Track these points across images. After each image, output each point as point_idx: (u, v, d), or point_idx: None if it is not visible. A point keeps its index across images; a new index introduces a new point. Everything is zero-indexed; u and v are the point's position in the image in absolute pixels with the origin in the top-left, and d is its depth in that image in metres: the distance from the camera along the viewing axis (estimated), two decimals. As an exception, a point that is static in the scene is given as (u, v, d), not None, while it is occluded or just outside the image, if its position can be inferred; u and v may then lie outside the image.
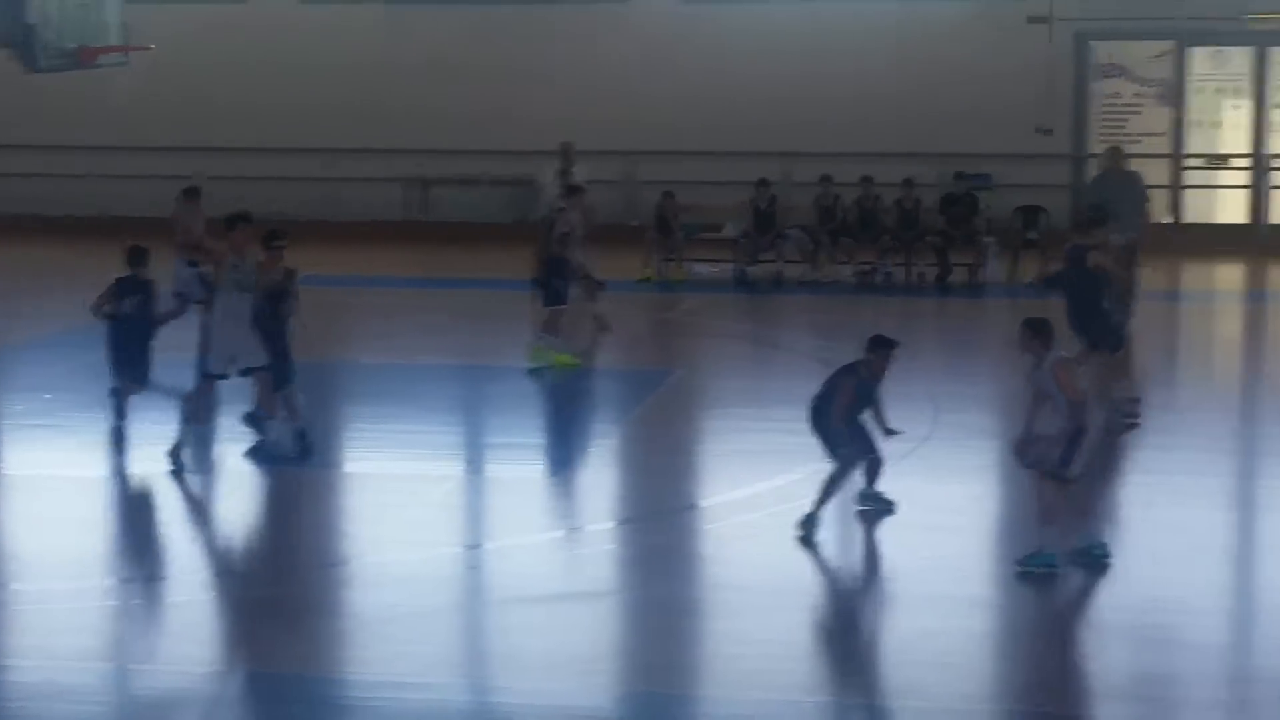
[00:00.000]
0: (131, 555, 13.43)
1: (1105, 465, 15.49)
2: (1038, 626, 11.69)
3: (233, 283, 15.04)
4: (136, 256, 15.98)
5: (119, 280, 15.99)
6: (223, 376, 15.31)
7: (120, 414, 16.02)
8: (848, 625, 11.87)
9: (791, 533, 12.92)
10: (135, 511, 14.68)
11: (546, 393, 18.58)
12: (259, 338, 14.99)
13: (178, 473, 14.83)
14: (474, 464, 16.02)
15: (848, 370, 13.19)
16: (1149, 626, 11.48)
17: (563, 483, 15.30)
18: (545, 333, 18.85)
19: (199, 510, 14.41)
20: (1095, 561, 12.31)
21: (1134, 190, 21.16)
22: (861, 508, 13.44)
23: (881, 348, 13.09)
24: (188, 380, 15.61)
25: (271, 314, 15.08)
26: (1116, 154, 21.56)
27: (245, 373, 15.26)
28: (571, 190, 20.13)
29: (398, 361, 19.69)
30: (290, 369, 15.19)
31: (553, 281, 18.98)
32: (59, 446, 16.20)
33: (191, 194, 20.57)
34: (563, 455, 16.37)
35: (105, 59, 20.59)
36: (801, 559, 12.79)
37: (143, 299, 15.87)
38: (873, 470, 13.40)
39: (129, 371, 15.87)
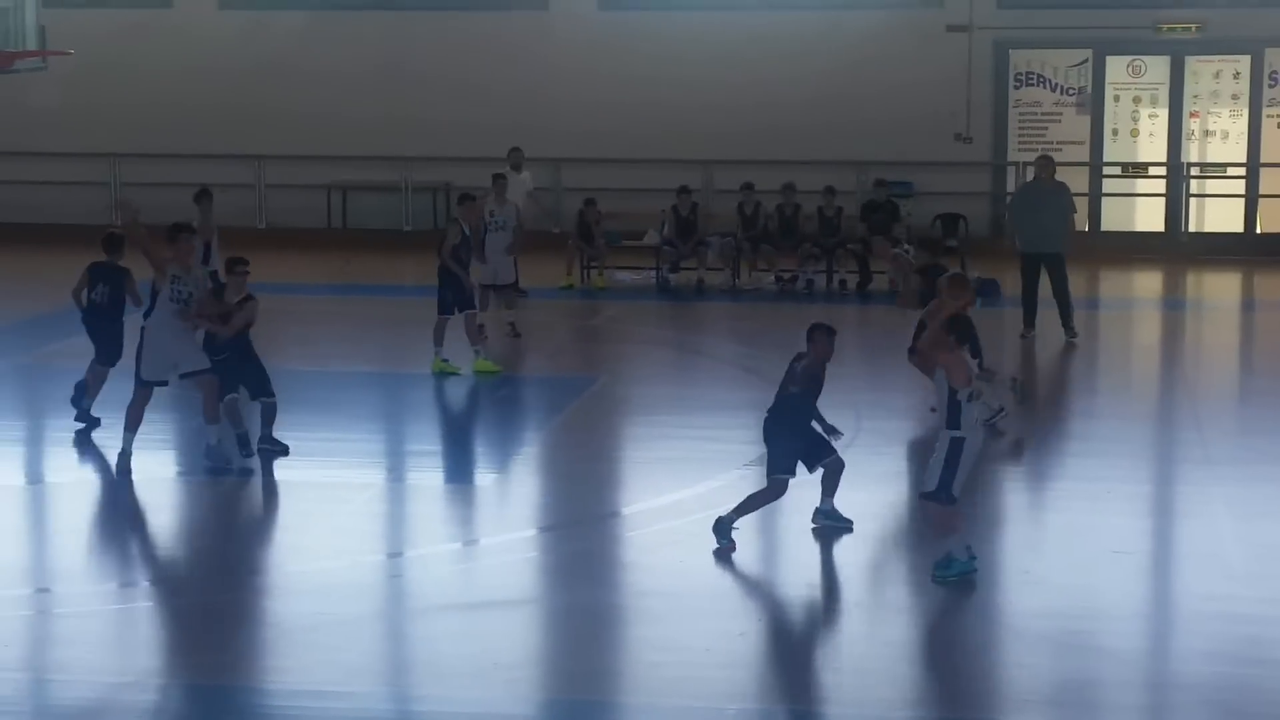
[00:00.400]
0: (50, 564, 13.33)
1: (1025, 472, 15.65)
2: (957, 633, 11.76)
3: (174, 294, 14.86)
4: (110, 243, 16.32)
5: (91, 266, 16.33)
6: (161, 383, 15.18)
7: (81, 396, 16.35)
8: (769, 632, 11.89)
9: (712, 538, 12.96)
10: (54, 520, 14.58)
11: (469, 400, 18.55)
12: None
13: (125, 481, 14.77)
14: (395, 471, 15.97)
15: (794, 365, 13.18)
16: (1067, 633, 11.57)
17: (485, 490, 15.28)
18: (437, 341, 18.88)
19: (119, 519, 14.30)
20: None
21: (1061, 201, 21.31)
22: (818, 525, 13.33)
23: (819, 330, 13.08)
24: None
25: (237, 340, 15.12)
26: (1047, 164, 21.65)
27: (185, 376, 15.12)
28: (463, 199, 20.02)
29: (319, 368, 19.60)
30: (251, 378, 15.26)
31: (442, 291, 18.96)
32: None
33: (204, 197, 20.50)
34: (485, 462, 16.35)
35: (22, 64, 20.37)
36: (723, 566, 12.83)
37: (113, 286, 16.12)
38: (831, 479, 13.28)
39: (100, 353, 16.32)
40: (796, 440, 13.05)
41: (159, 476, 15.15)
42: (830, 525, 13.31)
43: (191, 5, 29.34)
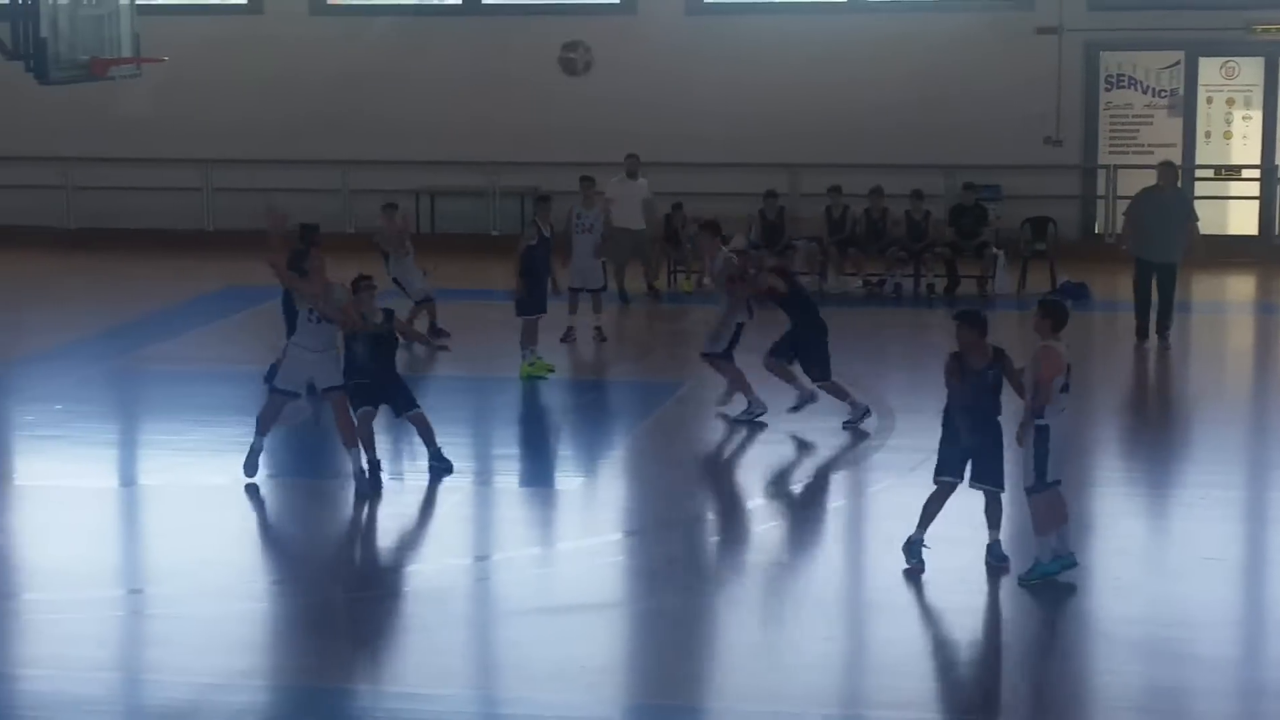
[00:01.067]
0: (141, 566, 13.47)
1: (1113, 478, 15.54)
2: (1045, 639, 11.70)
3: (310, 313, 14.91)
4: (305, 232, 17.85)
5: (292, 253, 16.54)
6: (295, 395, 15.25)
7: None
8: (854, 637, 11.87)
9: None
10: (145, 522, 14.73)
11: (556, 404, 18.59)
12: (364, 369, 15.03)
13: (252, 482, 14.92)
14: (483, 475, 16.02)
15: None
16: (1158, 639, 11.49)
17: (571, 494, 15.31)
18: (522, 345, 18.96)
19: (209, 522, 14.40)
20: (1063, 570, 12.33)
21: (1180, 209, 21.08)
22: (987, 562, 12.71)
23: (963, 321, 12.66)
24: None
25: (373, 354, 15.06)
26: (1169, 171, 21.42)
27: (323, 394, 15.12)
28: (539, 201, 20.10)
29: (405, 373, 19.65)
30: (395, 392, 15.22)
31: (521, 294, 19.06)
32: (69, 457, 16.25)
33: (389, 209, 21.37)
34: (572, 466, 16.38)
35: (117, 71, 20.59)
36: (808, 571, 12.81)
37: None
38: (989, 510, 12.69)
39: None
40: (954, 444, 12.69)
41: (252, 480, 15.25)
42: (993, 564, 12.62)
43: (283, 12, 29.53)
